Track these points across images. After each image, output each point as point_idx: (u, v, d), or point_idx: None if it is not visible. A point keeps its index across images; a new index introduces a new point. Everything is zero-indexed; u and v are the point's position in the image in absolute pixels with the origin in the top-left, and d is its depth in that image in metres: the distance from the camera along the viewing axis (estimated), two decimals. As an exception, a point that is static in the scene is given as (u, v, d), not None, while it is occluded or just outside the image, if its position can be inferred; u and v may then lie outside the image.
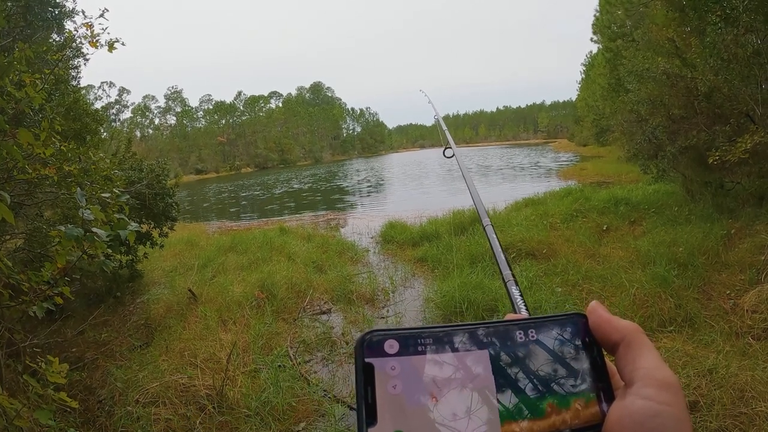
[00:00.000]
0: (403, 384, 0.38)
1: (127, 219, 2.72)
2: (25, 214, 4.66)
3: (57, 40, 8.36)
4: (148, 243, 8.24)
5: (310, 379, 4.98)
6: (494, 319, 0.44)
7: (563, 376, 0.42)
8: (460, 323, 0.42)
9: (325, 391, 4.77)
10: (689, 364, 3.98)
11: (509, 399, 0.40)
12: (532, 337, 0.43)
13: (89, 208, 2.47)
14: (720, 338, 4.59)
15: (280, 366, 5.16)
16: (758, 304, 5.07)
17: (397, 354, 0.39)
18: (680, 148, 8.74)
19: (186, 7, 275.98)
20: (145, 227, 8.09)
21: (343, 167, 67.37)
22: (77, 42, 4.65)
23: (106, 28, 4.14)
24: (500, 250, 0.91)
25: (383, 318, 6.73)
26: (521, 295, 0.75)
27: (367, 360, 0.39)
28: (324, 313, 7.03)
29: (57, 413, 3.68)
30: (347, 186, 35.57)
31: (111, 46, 4.17)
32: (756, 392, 3.46)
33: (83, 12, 4.48)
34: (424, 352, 0.40)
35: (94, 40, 4.11)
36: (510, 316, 0.48)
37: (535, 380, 0.41)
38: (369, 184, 35.75)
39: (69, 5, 8.48)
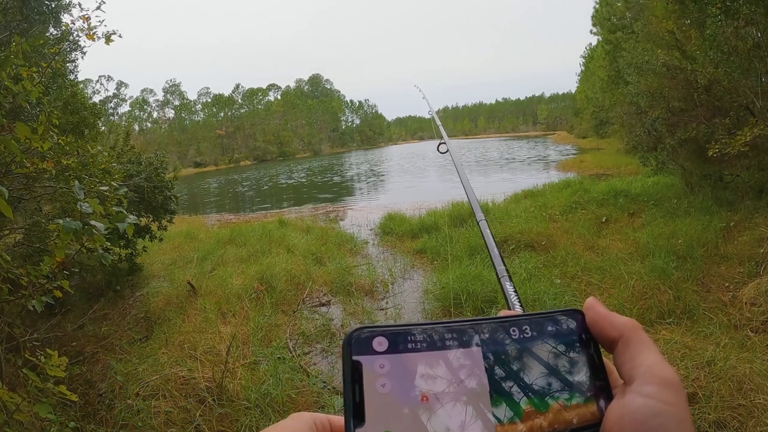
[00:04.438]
0: (393, 383, 0.37)
1: (125, 212, 2.71)
2: (24, 209, 4.65)
3: (54, 33, 8.31)
4: (147, 236, 8.23)
5: (310, 371, 4.99)
6: (487, 316, 0.42)
7: (560, 375, 0.40)
8: (452, 320, 0.41)
9: (324, 382, 4.79)
10: (688, 355, 4.00)
11: (502, 399, 0.38)
12: (527, 334, 0.41)
13: (87, 201, 2.46)
14: (719, 330, 4.60)
15: (279, 358, 5.17)
16: (757, 296, 5.08)
17: (386, 351, 0.38)
18: (680, 140, 8.74)
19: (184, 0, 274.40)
20: (144, 221, 8.08)
21: (341, 160, 67.27)
22: (74, 35, 4.63)
23: (103, 21, 4.13)
24: (494, 245, 0.91)
25: (382, 310, 6.75)
26: (515, 291, 0.74)
27: (354, 357, 0.37)
28: (323, 305, 7.04)
29: (57, 407, 3.69)
30: (346, 179, 35.53)
31: (108, 39, 4.16)
32: (754, 384, 3.47)
33: (80, 5, 4.47)
34: (414, 350, 0.38)
35: (91, 33, 4.09)
36: (504, 313, 0.47)
37: (530, 379, 0.40)
38: (368, 176, 35.72)
39: (66, -2, 8.44)
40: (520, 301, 0.72)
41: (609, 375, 0.42)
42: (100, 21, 4.16)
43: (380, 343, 0.38)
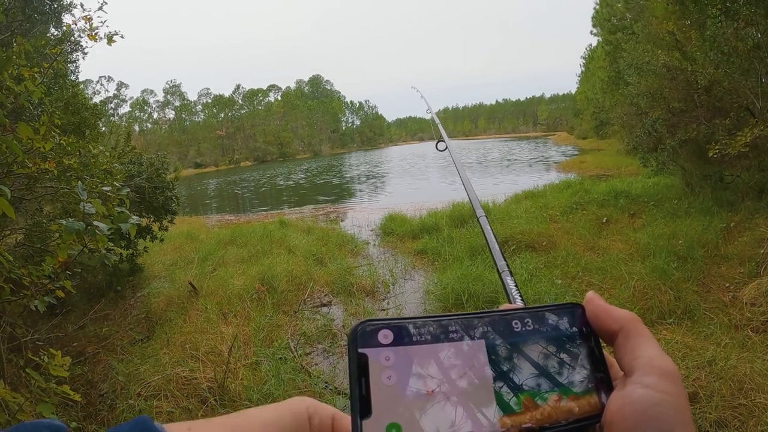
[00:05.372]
0: (398, 375, 0.37)
1: (128, 212, 2.71)
2: (25, 209, 4.66)
3: (55, 34, 8.32)
4: (149, 237, 8.24)
5: (311, 371, 4.99)
6: (490, 309, 0.43)
7: (561, 367, 0.41)
8: (455, 313, 0.41)
9: (326, 382, 4.78)
10: (689, 355, 4.00)
11: (506, 390, 0.39)
12: (529, 327, 0.42)
13: (90, 202, 2.47)
14: (719, 330, 4.60)
15: (281, 358, 5.18)
16: (757, 296, 5.08)
17: (392, 344, 0.38)
18: (680, 141, 8.75)
19: (185, 0, 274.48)
20: (145, 221, 8.09)
21: (341, 160, 67.26)
22: (76, 36, 4.64)
23: (104, 21, 4.14)
24: (494, 241, 0.92)
25: (384, 310, 6.75)
26: (516, 286, 0.75)
27: (360, 350, 0.38)
28: (324, 305, 7.04)
29: (59, 407, 3.70)
30: (346, 180, 35.53)
31: (110, 39, 4.17)
32: (755, 384, 3.48)
33: (82, 5, 4.46)
34: (419, 342, 0.39)
35: (93, 34, 4.10)
36: (506, 306, 0.47)
37: (532, 371, 0.40)
38: (368, 177, 35.74)
39: (67, -1, 8.45)
40: (521, 296, 0.73)
41: (609, 368, 0.43)
42: (102, 21, 4.18)
43: (386, 336, 0.38)
